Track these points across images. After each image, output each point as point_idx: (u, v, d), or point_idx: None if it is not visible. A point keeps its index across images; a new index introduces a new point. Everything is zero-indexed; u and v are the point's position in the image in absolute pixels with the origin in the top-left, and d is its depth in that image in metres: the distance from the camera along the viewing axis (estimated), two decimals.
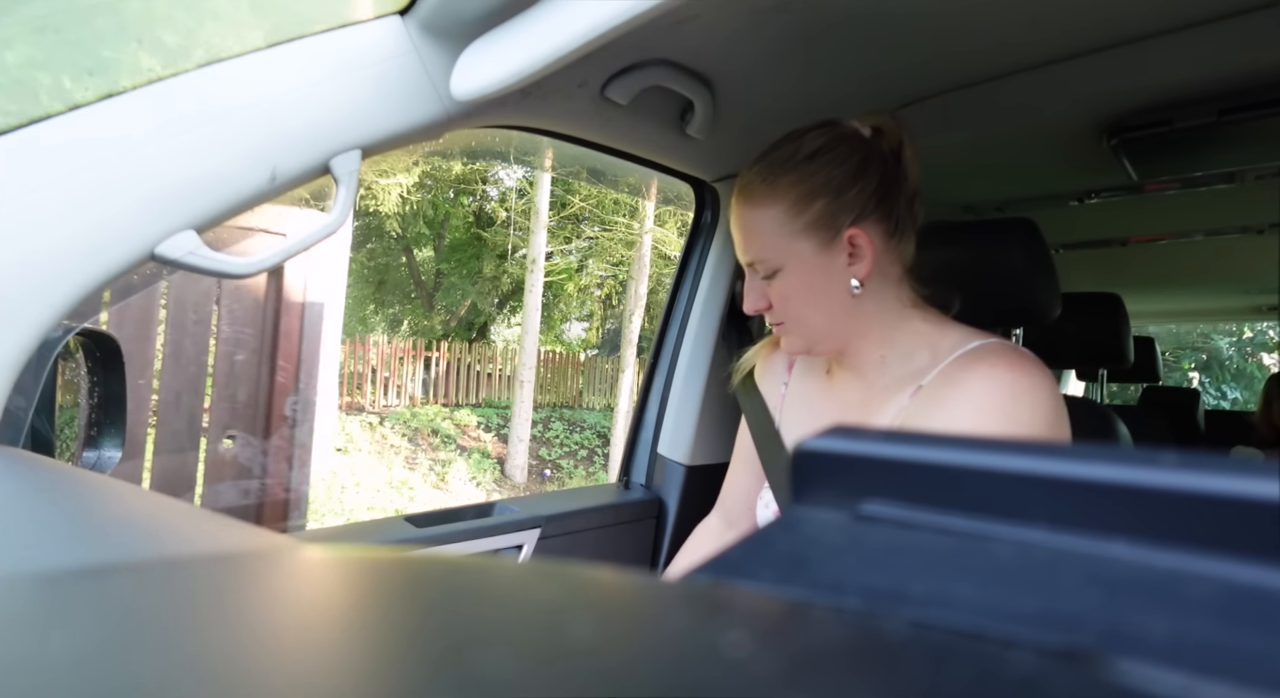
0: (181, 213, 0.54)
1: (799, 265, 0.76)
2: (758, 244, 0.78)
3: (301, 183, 0.61)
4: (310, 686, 0.10)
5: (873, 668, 0.11)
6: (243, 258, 0.59)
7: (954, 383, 0.71)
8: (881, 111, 0.80)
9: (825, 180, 0.75)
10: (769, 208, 0.76)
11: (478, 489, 8.04)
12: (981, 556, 0.15)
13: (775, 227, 0.76)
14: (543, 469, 9.11)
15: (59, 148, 0.50)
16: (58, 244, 0.50)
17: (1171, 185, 1.29)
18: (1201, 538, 0.13)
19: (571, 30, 0.54)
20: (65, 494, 0.41)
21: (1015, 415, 0.67)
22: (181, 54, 0.54)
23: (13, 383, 0.51)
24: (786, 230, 0.76)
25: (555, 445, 9.79)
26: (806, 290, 0.77)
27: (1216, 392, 11.76)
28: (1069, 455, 0.15)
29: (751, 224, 0.78)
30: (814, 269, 0.76)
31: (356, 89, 0.60)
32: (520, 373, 8.71)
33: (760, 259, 0.78)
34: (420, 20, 0.62)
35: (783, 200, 0.76)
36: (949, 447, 0.17)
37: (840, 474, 0.18)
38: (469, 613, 0.13)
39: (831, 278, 0.76)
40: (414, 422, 8.73)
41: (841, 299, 0.77)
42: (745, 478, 1.01)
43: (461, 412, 9.43)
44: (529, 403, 8.54)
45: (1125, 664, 0.11)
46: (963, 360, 0.73)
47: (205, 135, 0.54)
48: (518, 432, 8.56)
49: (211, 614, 0.13)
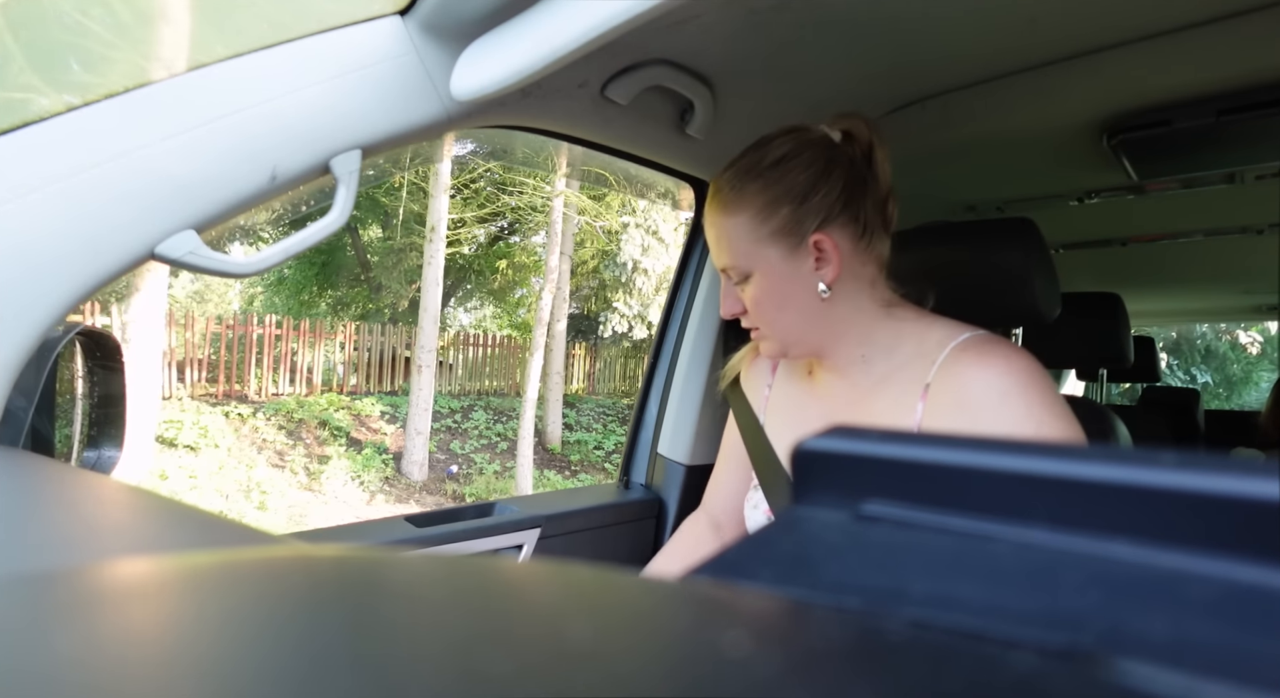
0: (181, 213, 0.54)
1: (767, 271, 0.77)
2: (728, 251, 0.79)
3: (302, 183, 0.61)
4: (310, 686, 0.10)
5: (873, 668, 0.11)
6: (243, 258, 0.59)
7: (962, 382, 0.71)
8: (853, 115, 0.81)
9: (789, 187, 0.76)
10: (737, 215, 0.78)
11: (359, 490, 7.20)
12: (982, 556, 0.15)
13: (743, 233, 0.77)
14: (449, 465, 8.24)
15: (59, 148, 0.50)
16: (58, 244, 0.50)
17: (1171, 185, 1.30)
18: (1202, 538, 0.13)
19: (571, 30, 0.54)
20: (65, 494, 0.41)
21: (1029, 405, 0.68)
22: (181, 54, 0.54)
23: (13, 383, 0.51)
24: (753, 237, 0.77)
25: (472, 437, 8.86)
26: (776, 295, 0.78)
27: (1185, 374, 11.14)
28: (1069, 455, 0.15)
29: (722, 231, 0.79)
30: (782, 275, 0.77)
31: (357, 89, 0.60)
32: (418, 357, 7.66)
33: (732, 265, 0.79)
34: (420, 20, 0.62)
35: (750, 207, 0.77)
36: (949, 447, 0.17)
37: (840, 474, 0.18)
38: (468, 613, 0.13)
39: (799, 282, 0.77)
40: (299, 413, 7.83)
41: (811, 303, 0.78)
42: (731, 481, 1.01)
43: (367, 401, 8.57)
44: (429, 391, 7.62)
45: (1126, 665, 0.11)
46: (963, 356, 0.73)
47: (205, 135, 0.54)
48: (415, 424, 7.62)
49: (209, 615, 0.13)
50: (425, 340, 7.70)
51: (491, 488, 7.96)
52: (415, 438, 7.69)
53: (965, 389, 0.70)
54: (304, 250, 0.63)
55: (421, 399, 7.60)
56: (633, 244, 9.17)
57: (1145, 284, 2.41)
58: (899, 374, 0.78)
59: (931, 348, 0.76)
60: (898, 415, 0.76)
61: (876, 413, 0.79)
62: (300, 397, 8.20)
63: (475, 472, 8.29)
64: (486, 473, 8.27)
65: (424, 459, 7.79)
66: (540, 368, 8.10)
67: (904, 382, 0.77)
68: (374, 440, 8.04)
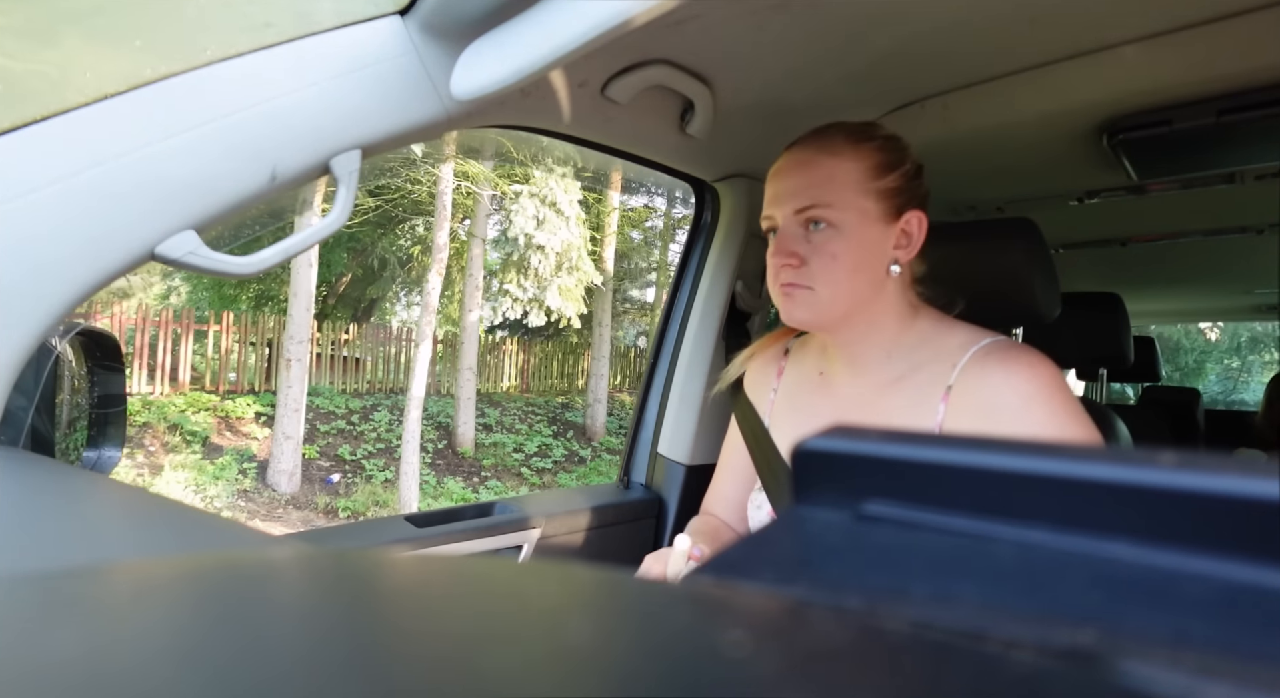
0: (181, 213, 0.54)
1: (854, 227, 0.76)
2: (824, 190, 0.76)
3: (302, 183, 0.61)
4: (311, 686, 0.10)
5: (873, 668, 0.11)
6: (243, 257, 0.59)
7: (987, 385, 0.73)
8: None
9: (901, 160, 0.78)
10: (850, 161, 0.76)
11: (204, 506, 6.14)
12: (983, 556, 0.15)
13: (851, 179, 0.76)
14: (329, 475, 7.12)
15: (59, 148, 0.50)
16: (58, 244, 0.50)
17: (1171, 185, 1.30)
18: (1202, 538, 0.13)
19: (571, 30, 0.54)
20: (65, 494, 0.41)
21: (1053, 411, 0.70)
22: (182, 54, 0.54)
23: (12, 383, 0.51)
24: (860, 187, 0.76)
25: (367, 441, 7.78)
26: (853, 254, 0.76)
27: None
28: (1070, 456, 0.15)
29: (821, 170, 0.77)
30: (867, 234, 0.76)
31: (357, 89, 0.60)
32: (287, 349, 6.49)
33: (823, 203, 0.76)
34: (420, 20, 0.62)
35: (865, 159, 0.77)
36: (950, 447, 0.17)
37: (841, 474, 0.18)
38: (468, 613, 0.13)
39: (877, 251, 0.77)
40: (145, 415, 6.78)
41: (877, 275, 0.78)
42: (732, 485, 1.00)
43: (243, 401, 7.51)
44: (300, 388, 6.55)
45: (1126, 665, 0.11)
46: (988, 360, 0.74)
47: (205, 135, 0.54)
48: (284, 426, 6.48)
49: (209, 615, 0.13)
50: (296, 330, 6.51)
51: (376, 499, 7.03)
52: (284, 443, 6.51)
53: (990, 393, 0.72)
54: (304, 250, 0.63)
55: (292, 398, 6.45)
56: (524, 216, 8.09)
57: (1145, 284, 2.41)
58: (917, 375, 0.78)
59: (952, 351, 0.77)
60: (918, 416, 0.77)
61: (893, 412, 0.79)
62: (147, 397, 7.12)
63: (364, 480, 7.29)
64: (376, 481, 7.27)
65: (294, 467, 6.64)
66: (428, 361, 7.11)
67: (923, 382, 0.78)
68: (239, 446, 7.08)
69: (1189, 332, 11.95)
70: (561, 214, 8.22)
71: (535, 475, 8.47)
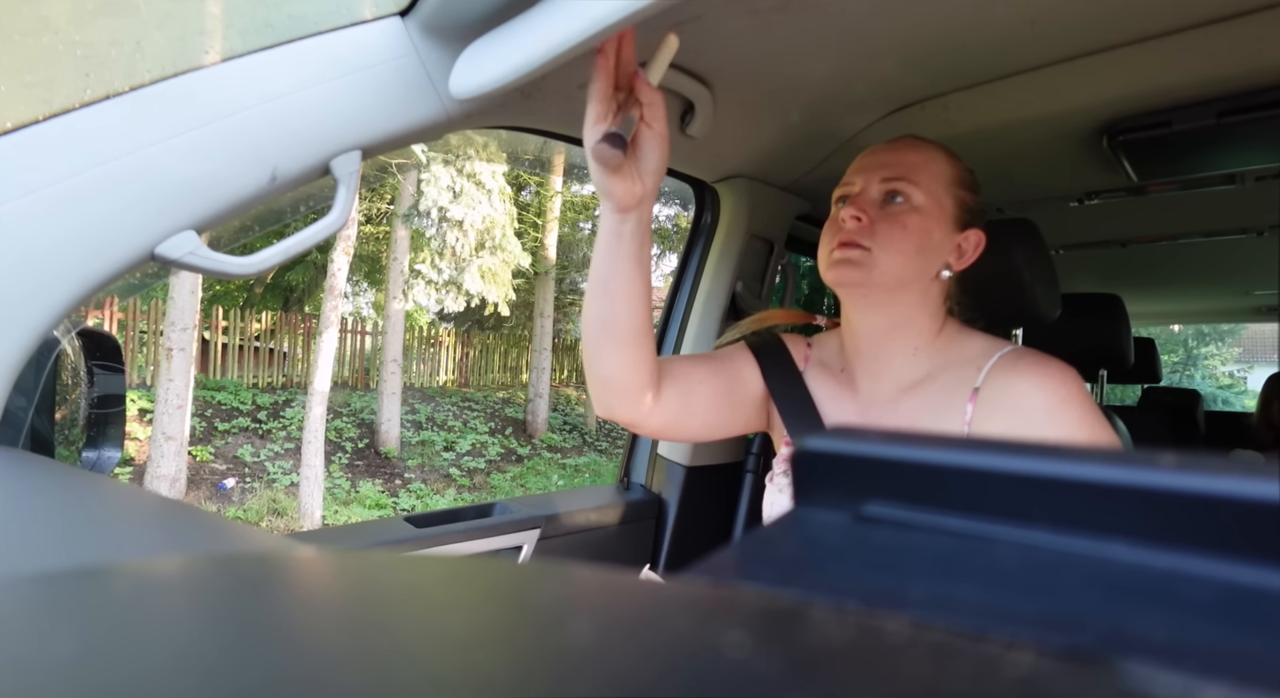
0: (181, 213, 0.54)
1: (933, 212, 0.80)
2: (917, 172, 0.81)
3: (302, 183, 0.61)
4: (311, 686, 0.10)
5: (873, 668, 0.11)
6: (243, 258, 0.59)
7: (1015, 389, 0.76)
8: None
9: (978, 188, 0.86)
10: (944, 164, 0.83)
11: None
12: (983, 557, 0.15)
13: (942, 176, 0.82)
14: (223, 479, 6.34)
15: (59, 148, 0.50)
16: (58, 244, 0.50)
17: (1171, 187, 1.30)
18: (1202, 539, 0.13)
19: (571, 30, 0.54)
20: (65, 494, 0.41)
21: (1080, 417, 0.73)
22: (182, 55, 0.54)
23: (12, 383, 0.51)
24: (946, 186, 0.81)
25: (275, 440, 6.98)
26: (920, 232, 0.79)
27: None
28: (1070, 457, 0.15)
29: (922, 157, 0.82)
30: (935, 229, 0.80)
31: (357, 89, 0.60)
32: (168, 337, 5.61)
33: (912, 179, 0.80)
34: (420, 21, 0.62)
35: (958, 170, 0.83)
36: (950, 448, 0.17)
37: (842, 475, 0.18)
38: (468, 614, 0.13)
39: (938, 248, 0.81)
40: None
41: (931, 267, 0.81)
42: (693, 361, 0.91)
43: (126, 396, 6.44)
44: (184, 381, 5.71)
45: (1126, 665, 0.11)
46: (1017, 364, 0.77)
47: (205, 135, 0.54)
48: (164, 426, 5.59)
49: (210, 616, 0.13)
50: (178, 316, 5.63)
51: (275, 507, 6.22)
52: (164, 444, 5.60)
53: (1019, 396, 0.75)
54: (304, 250, 0.63)
55: (174, 393, 5.57)
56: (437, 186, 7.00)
57: (1145, 285, 2.41)
58: (942, 377, 0.81)
59: (975, 356, 0.81)
60: (944, 416, 0.79)
61: (919, 412, 0.81)
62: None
63: (265, 485, 6.45)
64: (279, 485, 6.42)
65: (177, 472, 5.73)
66: (333, 353, 6.40)
67: (948, 384, 0.80)
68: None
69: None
70: (483, 187, 7.15)
71: (465, 476, 7.73)
